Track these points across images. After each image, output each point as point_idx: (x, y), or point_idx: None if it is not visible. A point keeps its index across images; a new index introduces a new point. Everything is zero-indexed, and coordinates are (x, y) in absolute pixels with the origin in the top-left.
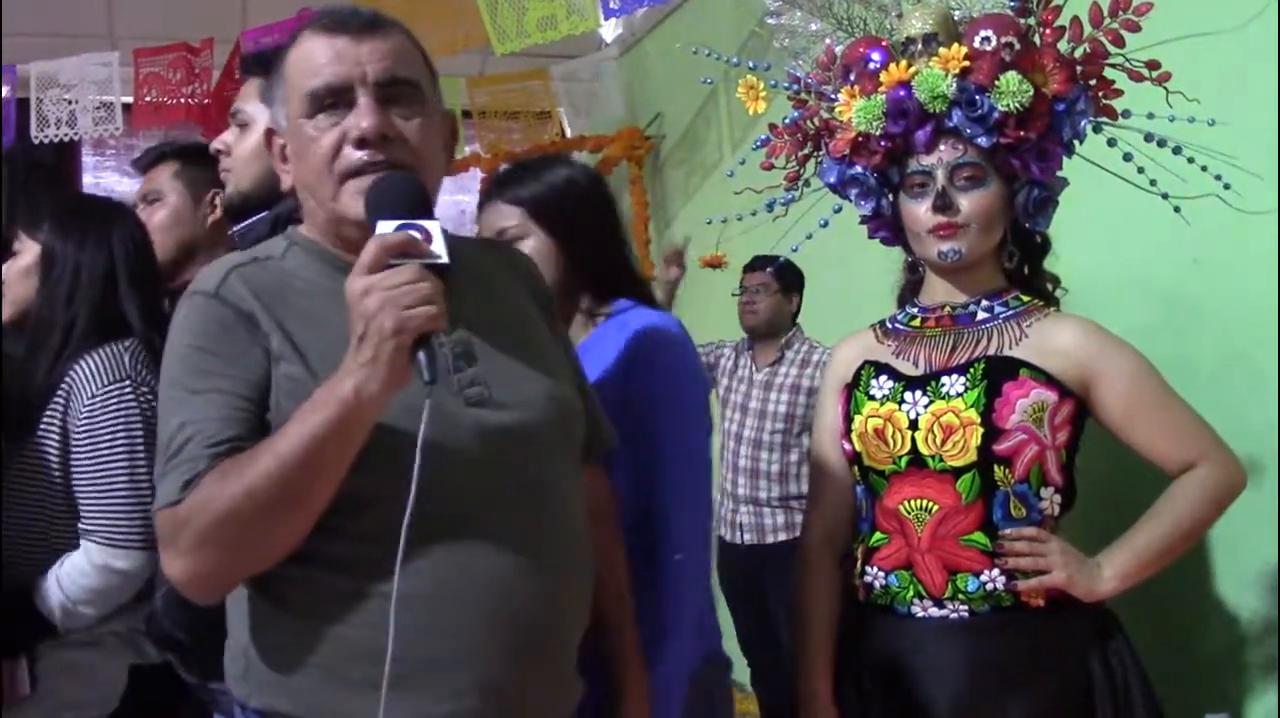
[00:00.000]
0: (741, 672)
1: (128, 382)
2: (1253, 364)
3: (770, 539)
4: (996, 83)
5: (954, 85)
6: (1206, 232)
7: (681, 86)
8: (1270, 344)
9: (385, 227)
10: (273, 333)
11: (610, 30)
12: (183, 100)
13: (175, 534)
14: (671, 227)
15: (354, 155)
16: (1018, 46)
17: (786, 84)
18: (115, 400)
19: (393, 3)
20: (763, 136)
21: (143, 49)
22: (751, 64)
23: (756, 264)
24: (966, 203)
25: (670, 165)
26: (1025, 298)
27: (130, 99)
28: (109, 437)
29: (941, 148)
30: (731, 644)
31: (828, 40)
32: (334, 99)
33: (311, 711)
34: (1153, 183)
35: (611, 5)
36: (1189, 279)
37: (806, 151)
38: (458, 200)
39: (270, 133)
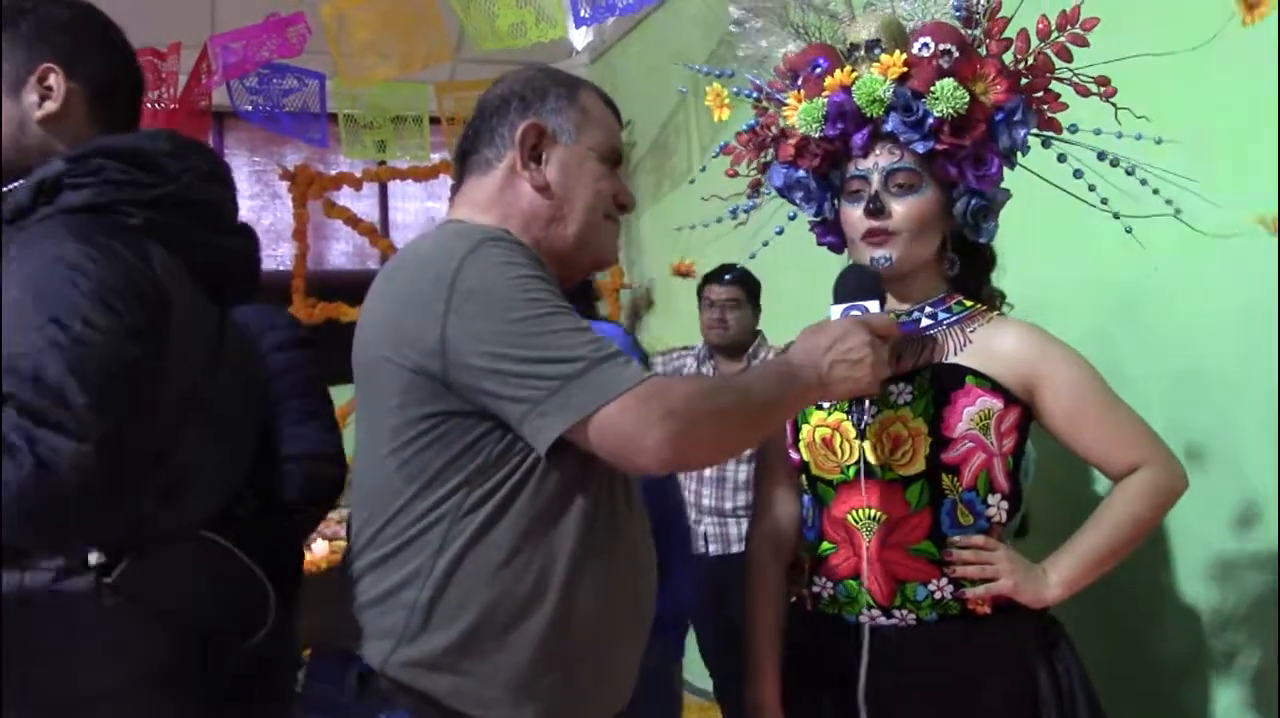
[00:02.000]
0: (705, 681)
1: None
2: (1206, 369)
3: (736, 549)
4: (932, 89)
5: (891, 90)
6: (1162, 240)
7: (652, 94)
8: (1222, 350)
9: (873, 305)
10: None
11: (581, 38)
12: (149, 105)
13: (668, 400)
14: (642, 233)
15: (616, 211)
16: (956, 54)
17: (749, 92)
18: None
19: (362, 18)
20: (723, 143)
21: None
22: (718, 72)
23: (717, 277)
24: (899, 208)
25: (641, 172)
26: (967, 303)
27: None
28: None
29: (878, 152)
30: (694, 655)
31: (786, 48)
32: (617, 163)
33: (480, 679)
34: (1104, 201)
35: (582, 14)
36: (1145, 286)
37: (767, 159)
38: (428, 208)
39: (537, 128)
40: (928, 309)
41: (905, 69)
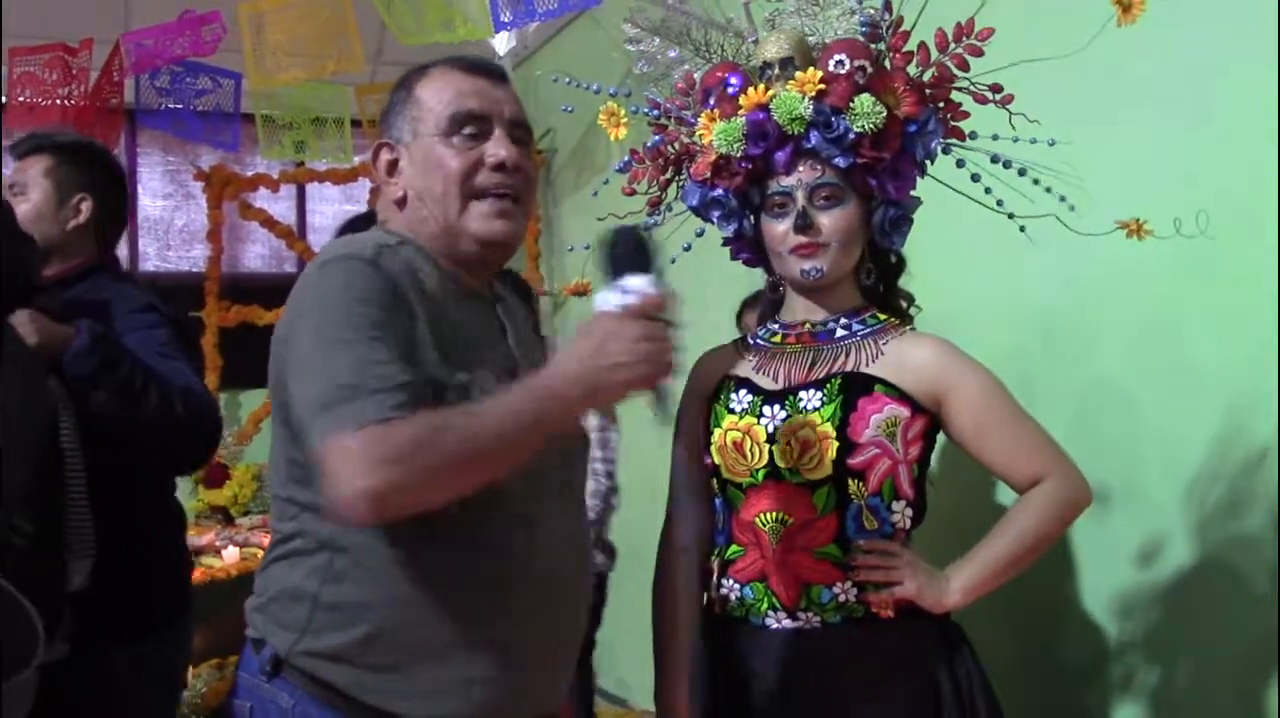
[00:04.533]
0: (621, 688)
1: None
2: (1117, 385)
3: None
4: (851, 105)
5: (810, 108)
6: (1075, 253)
7: (572, 103)
8: (1125, 365)
9: (639, 281)
10: (418, 316)
11: (502, 44)
12: (59, 101)
13: (381, 448)
14: (564, 241)
15: (489, 178)
16: (870, 70)
17: (647, 109)
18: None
19: (279, 20)
20: (624, 160)
21: (18, 48)
22: (612, 90)
23: None
24: (826, 222)
25: (561, 181)
26: (882, 316)
27: (3, 99)
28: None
29: (800, 169)
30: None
31: (686, 66)
32: (473, 126)
33: (373, 672)
34: (999, 203)
35: (503, 19)
36: (1058, 300)
37: (668, 176)
38: (346, 210)
39: (383, 146)
40: (843, 320)
41: (822, 86)
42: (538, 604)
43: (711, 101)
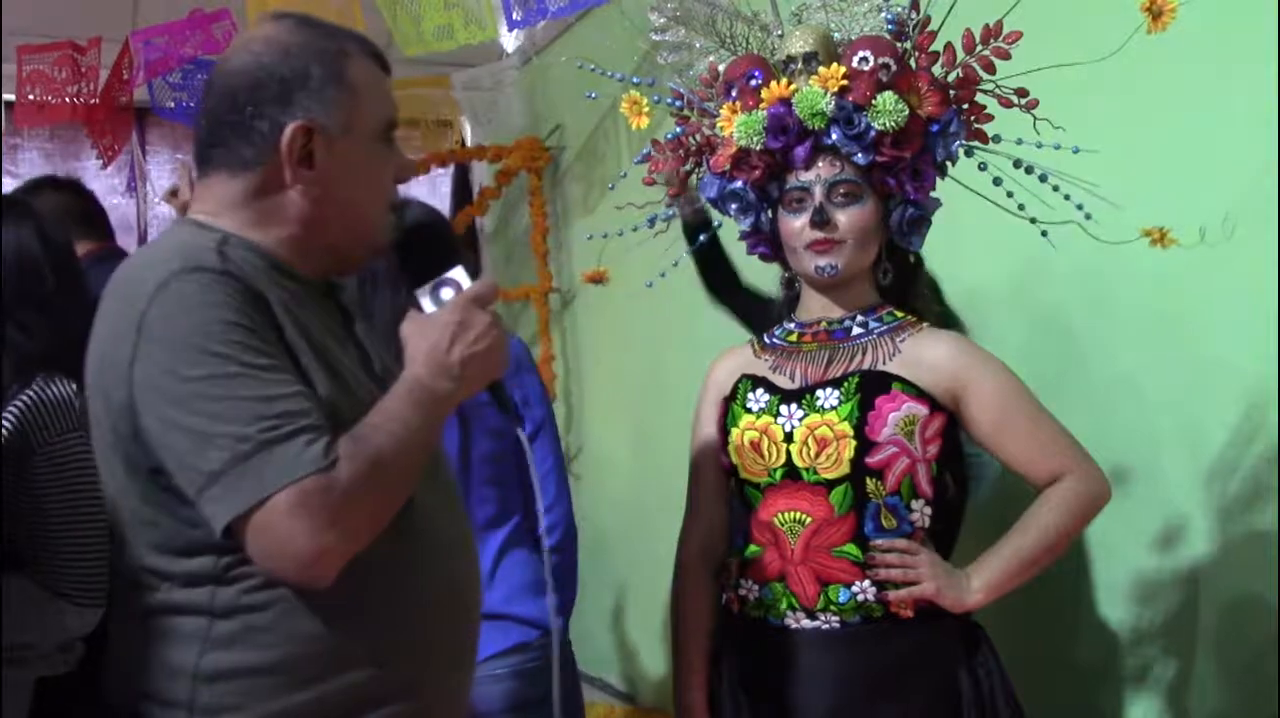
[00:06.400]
0: (627, 683)
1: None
2: (1131, 380)
3: None
4: (873, 102)
5: (833, 103)
6: (1085, 252)
7: (582, 99)
8: (1142, 361)
9: (460, 273)
10: (286, 322)
11: (511, 41)
12: (68, 99)
13: (335, 507)
14: (571, 239)
15: (398, 191)
16: (894, 68)
17: (670, 100)
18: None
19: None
20: (645, 151)
21: (26, 45)
22: (636, 80)
23: None
24: (843, 219)
25: (570, 177)
26: (899, 314)
27: (12, 97)
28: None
29: (820, 164)
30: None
31: (711, 58)
32: (394, 129)
33: None
34: (1021, 207)
35: (514, 17)
36: (1070, 297)
37: (688, 168)
38: None
39: (305, 131)
40: (859, 318)
41: (845, 82)
42: (443, 618)
43: (733, 94)
